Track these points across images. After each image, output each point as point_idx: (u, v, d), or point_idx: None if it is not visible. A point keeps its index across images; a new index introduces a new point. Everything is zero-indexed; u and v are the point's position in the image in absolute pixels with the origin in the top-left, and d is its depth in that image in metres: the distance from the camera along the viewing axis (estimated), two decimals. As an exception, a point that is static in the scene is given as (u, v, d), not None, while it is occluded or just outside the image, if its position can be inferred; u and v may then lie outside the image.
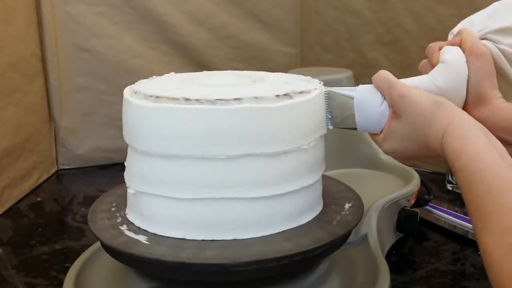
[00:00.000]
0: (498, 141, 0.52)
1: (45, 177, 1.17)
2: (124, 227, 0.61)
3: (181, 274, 0.56)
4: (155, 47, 1.25)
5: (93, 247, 0.71)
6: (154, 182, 0.59)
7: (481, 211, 0.47)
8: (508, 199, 0.46)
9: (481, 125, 0.53)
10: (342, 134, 0.98)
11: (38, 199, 1.07)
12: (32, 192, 1.10)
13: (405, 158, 0.62)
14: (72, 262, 0.69)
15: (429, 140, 0.55)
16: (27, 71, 1.10)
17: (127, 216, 0.64)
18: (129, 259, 0.58)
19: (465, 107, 0.59)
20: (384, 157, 0.99)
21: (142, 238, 0.59)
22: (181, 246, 0.57)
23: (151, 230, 0.60)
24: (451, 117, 0.54)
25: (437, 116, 0.54)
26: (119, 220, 0.63)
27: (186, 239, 0.58)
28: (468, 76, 0.59)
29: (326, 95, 0.63)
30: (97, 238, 0.61)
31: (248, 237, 0.58)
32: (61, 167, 1.24)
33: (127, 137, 0.61)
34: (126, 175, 0.63)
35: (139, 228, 0.61)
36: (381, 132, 0.60)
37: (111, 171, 1.22)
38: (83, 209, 1.01)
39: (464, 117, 0.54)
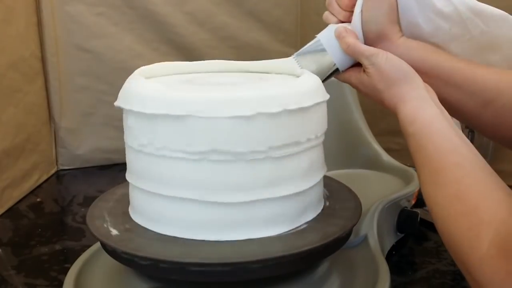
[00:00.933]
0: (447, 113, 0.59)
1: (45, 177, 1.17)
2: (124, 227, 0.61)
3: (181, 274, 0.56)
4: (155, 47, 1.25)
5: (93, 247, 0.71)
6: (157, 182, 0.59)
7: (430, 168, 0.55)
8: (454, 157, 0.54)
9: (436, 98, 0.60)
10: (342, 135, 0.99)
11: (38, 200, 1.07)
12: (32, 192, 1.10)
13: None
14: (72, 263, 0.69)
15: (384, 100, 0.62)
16: (27, 72, 1.09)
17: (128, 215, 0.64)
18: (129, 259, 0.58)
19: (366, 43, 0.65)
20: (385, 158, 0.99)
21: (142, 238, 0.59)
22: (181, 246, 0.57)
23: (151, 229, 0.60)
24: (412, 87, 0.60)
25: (396, 84, 0.61)
26: (119, 220, 0.63)
27: (186, 239, 0.58)
28: (366, 13, 0.64)
29: (297, 61, 0.67)
30: (96, 238, 0.61)
31: (248, 238, 0.58)
32: (61, 167, 1.24)
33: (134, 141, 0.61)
34: (128, 174, 0.63)
35: (139, 227, 0.61)
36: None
37: (111, 172, 1.22)
38: (83, 209, 1.01)
39: (422, 91, 0.60)
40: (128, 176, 0.63)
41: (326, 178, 0.67)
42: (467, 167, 0.53)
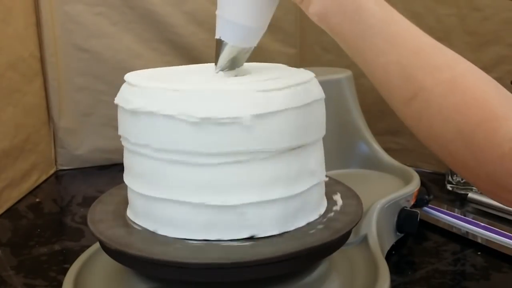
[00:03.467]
0: None
1: (44, 177, 1.17)
2: (124, 228, 0.61)
3: (181, 275, 0.56)
4: (154, 47, 1.25)
5: (92, 247, 0.71)
6: (157, 183, 0.58)
7: (407, 48, 0.46)
8: (429, 39, 0.47)
9: None
10: (341, 135, 0.98)
11: (37, 200, 1.07)
12: (31, 193, 1.10)
13: None
14: (71, 263, 0.68)
15: None
16: (26, 72, 1.09)
17: (127, 216, 0.64)
18: (128, 259, 0.58)
19: None
20: (384, 157, 0.99)
21: (141, 239, 0.59)
22: (181, 247, 0.57)
23: (151, 230, 0.60)
24: None
25: None
26: (118, 220, 0.63)
27: (187, 239, 0.58)
28: None
29: (227, 70, 0.65)
30: (96, 239, 0.61)
31: (247, 237, 0.58)
32: (60, 167, 1.23)
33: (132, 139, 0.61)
34: (125, 175, 0.63)
35: (138, 228, 0.61)
36: None
37: (110, 172, 1.22)
38: (82, 209, 1.01)
39: None
40: (127, 179, 0.63)
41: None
42: (449, 53, 0.46)
